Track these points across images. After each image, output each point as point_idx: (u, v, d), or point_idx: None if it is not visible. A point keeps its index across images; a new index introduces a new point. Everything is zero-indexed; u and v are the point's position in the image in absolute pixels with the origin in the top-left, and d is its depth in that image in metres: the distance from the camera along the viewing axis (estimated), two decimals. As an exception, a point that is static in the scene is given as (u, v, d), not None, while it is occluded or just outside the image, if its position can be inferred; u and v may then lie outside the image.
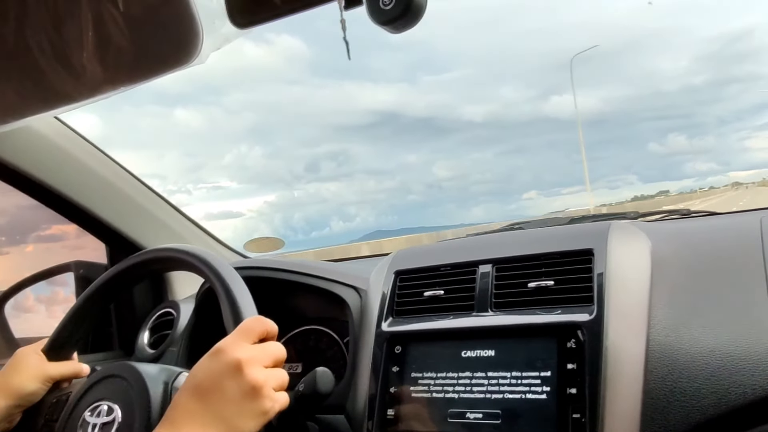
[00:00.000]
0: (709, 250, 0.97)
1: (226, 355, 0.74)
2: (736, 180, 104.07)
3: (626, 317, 0.87)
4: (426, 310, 1.04)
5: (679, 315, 0.87)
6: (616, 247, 0.93)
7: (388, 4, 0.62)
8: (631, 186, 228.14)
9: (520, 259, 0.99)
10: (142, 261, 1.00)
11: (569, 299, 0.92)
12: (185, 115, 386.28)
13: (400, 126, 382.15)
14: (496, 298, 0.98)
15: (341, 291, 1.16)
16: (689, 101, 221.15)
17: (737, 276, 0.89)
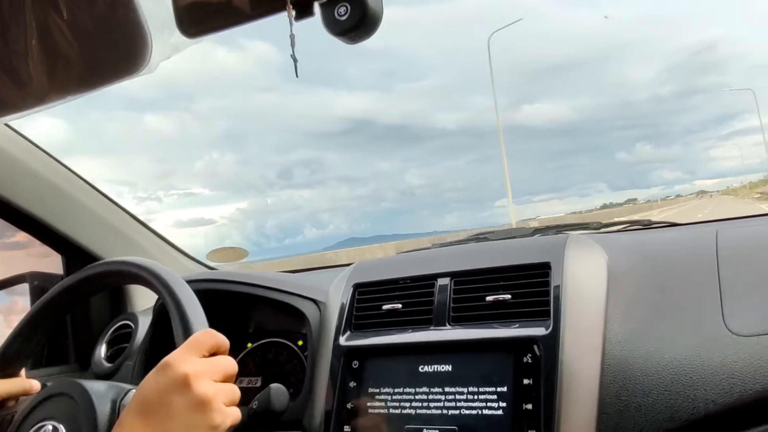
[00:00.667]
0: (666, 262, 0.97)
1: (173, 370, 0.72)
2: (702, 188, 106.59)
3: (582, 331, 0.86)
4: (384, 323, 1.02)
5: (635, 328, 0.87)
6: (573, 261, 0.93)
7: (344, 14, 0.60)
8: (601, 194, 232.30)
9: (478, 272, 0.99)
10: (90, 276, 0.97)
11: (526, 313, 0.91)
12: (155, 120, 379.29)
13: (373, 133, 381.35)
14: (454, 312, 0.97)
15: (300, 304, 1.15)
16: (656, 111, 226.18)
17: (692, 289, 0.89)
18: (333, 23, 0.60)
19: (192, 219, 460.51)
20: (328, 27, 0.61)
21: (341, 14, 0.60)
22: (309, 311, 1.13)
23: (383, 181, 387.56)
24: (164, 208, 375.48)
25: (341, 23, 0.60)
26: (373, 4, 0.59)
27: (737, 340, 0.80)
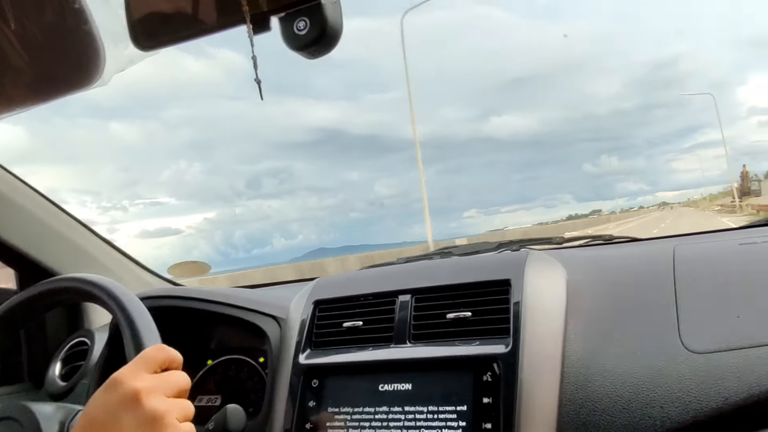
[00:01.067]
0: (625, 279, 0.98)
1: (122, 386, 0.69)
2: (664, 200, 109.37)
3: (541, 349, 0.86)
4: (345, 341, 1.01)
5: (594, 346, 0.87)
6: (533, 278, 0.93)
7: (303, 29, 0.60)
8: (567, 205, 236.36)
9: (438, 289, 0.98)
10: (42, 292, 0.93)
11: (487, 330, 0.91)
12: (121, 128, 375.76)
13: (342, 143, 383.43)
14: (415, 330, 0.96)
15: (260, 321, 1.13)
16: (620, 124, 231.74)
17: (649, 306, 0.90)
18: (292, 38, 0.60)
19: (158, 229, 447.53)
20: (288, 42, 0.60)
21: (300, 29, 0.59)
22: (269, 328, 1.11)
23: (352, 191, 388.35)
24: (130, 218, 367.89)
25: (301, 38, 0.59)
26: (333, 18, 0.59)
27: (693, 357, 0.80)
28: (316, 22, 0.58)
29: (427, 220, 15.05)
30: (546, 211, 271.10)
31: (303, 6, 0.56)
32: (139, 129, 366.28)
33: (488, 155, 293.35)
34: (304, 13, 0.58)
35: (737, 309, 0.83)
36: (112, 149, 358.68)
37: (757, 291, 0.85)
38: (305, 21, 0.58)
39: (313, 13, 0.58)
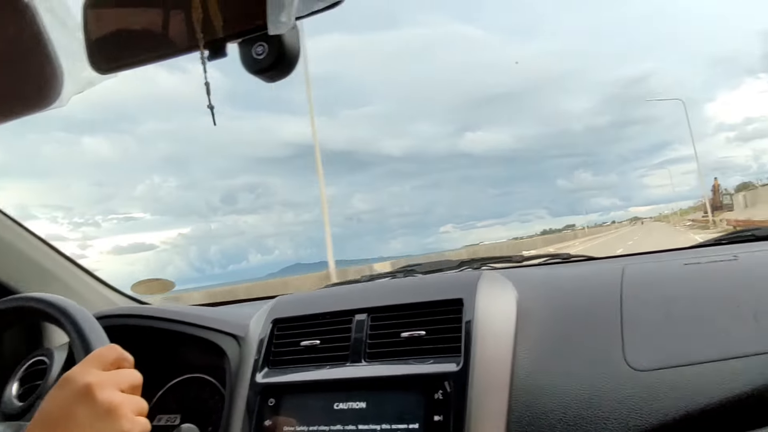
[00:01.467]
0: (575, 298, 1.00)
1: (74, 382, 0.69)
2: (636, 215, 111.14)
3: (491, 368, 0.88)
4: (303, 360, 1.02)
5: (542, 365, 0.89)
6: (484, 298, 0.95)
7: (261, 53, 0.61)
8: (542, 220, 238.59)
9: (394, 308, 1.00)
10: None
11: (439, 349, 0.92)
12: (94, 143, 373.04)
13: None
14: (370, 348, 0.97)
15: (219, 339, 1.13)
16: (594, 140, 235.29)
17: (597, 325, 0.92)
18: (250, 62, 0.61)
19: (132, 244, 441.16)
20: (246, 66, 0.62)
21: (259, 53, 0.61)
22: (228, 347, 1.12)
23: (329, 206, 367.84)
24: (103, 234, 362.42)
25: (259, 62, 0.61)
26: (291, 43, 0.61)
27: (636, 374, 0.83)
28: (274, 47, 0.60)
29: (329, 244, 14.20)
30: (521, 225, 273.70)
31: (261, 31, 0.57)
32: (113, 143, 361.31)
33: (464, 170, 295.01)
34: (262, 38, 0.60)
35: (679, 328, 0.86)
36: (85, 164, 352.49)
37: (698, 311, 0.88)
38: (263, 46, 0.60)
39: (271, 38, 0.60)
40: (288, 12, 0.53)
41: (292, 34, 0.60)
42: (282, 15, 0.52)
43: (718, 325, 0.84)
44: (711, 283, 0.94)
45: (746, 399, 0.77)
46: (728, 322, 0.84)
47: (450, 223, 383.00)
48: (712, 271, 0.97)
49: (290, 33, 0.60)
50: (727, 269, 0.97)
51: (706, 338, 0.84)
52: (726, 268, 0.97)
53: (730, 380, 0.78)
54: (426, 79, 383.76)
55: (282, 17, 0.53)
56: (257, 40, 0.60)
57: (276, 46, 0.60)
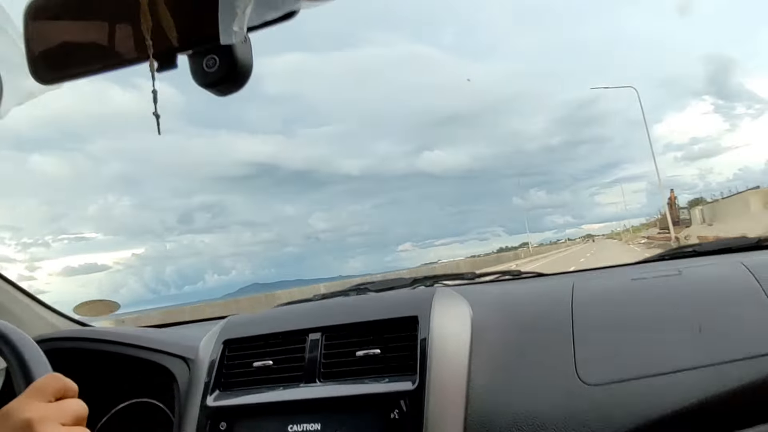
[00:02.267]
0: (527, 314, 1.01)
1: (12, 418, 0.64)
2: (589, 232, 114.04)
3: (446, 386, 0.88)
4: (256, 381, 0.99)
5: (497, 382, 0.89)
6: (439, 315, 0.95)
7: (212, 66, 0.59)
8: (499, 238, 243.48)
9: (348, 327, 0.98)
10: None
11: (395, 368, 0.92)
12: (43, 161, 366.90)
13: (277, 178, 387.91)
14: (325, 368, 0.96)
15: (167, 362, 1.09)
16: (547, 160, 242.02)
17: (549, 341, 0.93)
18: (201, 75, 0.59)
19: (84, 265, 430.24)
20: (196, 79, 0.60)
21: (210, 66, 0.59)
22: (177, 369, 1.08)
23: (287, 225, 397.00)
24: (53, 255, 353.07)
25: (209, 75, 0.59)
26: (243, 56, 0.59)
27: (588, 389, 0.84)
28: (225, 60, 0.58)
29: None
30: (479, 243, 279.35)
31: (212, 43, 0.56)
32: (63, 161, 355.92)
33: (422, 189, 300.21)
34: (214, 51, 0.58)
35: (628, 342, 0.88)
36: (34, 183, 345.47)
37: (646, 324, 0.90)
38: (215, 58, 0.59)
39: (222, 51, 0.58)
40: (240, 21, 0.51)
41: (244, 48, 0.59)
42: (234, 24, 0.51)
43: (665, 338, 0.86)
44: (657, 297, 0.97)
45: (694, 411, 0.79)
46: (675, 336, 0.86)
47: (409, 242, 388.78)
48: (658, 285, 1.00)
49: (242, 47, 0.59)
50: (672, 284, 1.00)
51: (654, 352, 0.85)
52: (671, 282, 1.00)
53: (678, 393, 0.80)
54: (384, 99, 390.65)
55: (234, 26, 0.51)
56: (208, 52, 0.58)
57: (227, 59, 0.58)
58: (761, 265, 0.98)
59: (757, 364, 0.80)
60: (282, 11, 0.53)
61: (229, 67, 0.58)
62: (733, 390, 0.80)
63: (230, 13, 0.52)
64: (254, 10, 0.52)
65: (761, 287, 0.91)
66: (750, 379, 0.80)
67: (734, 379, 0.80)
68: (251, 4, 0.52)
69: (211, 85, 0.59)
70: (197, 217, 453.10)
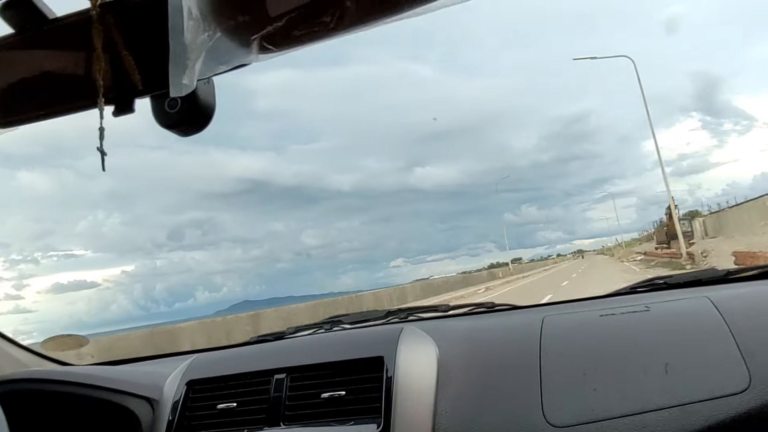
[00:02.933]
0: (496, 351, 1.00)
1: None
2: (580, 248, 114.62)
3: (412, 428, 0.86)
4: (220, 423, 0.97)
5: (463, 422, 0.88)
6: (405, 355, 0.94)
7: (174, 108, 0.59)
8: (490, 253, 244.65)
9: (313, 367, 0.97)
10: None
11: (360, 410, 0.90)
12: (31, 177, 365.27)
13: (267, 194, 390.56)
14: (289, 411, 0.93)
15: (131, 403, 1.06)
16: (539, 176, 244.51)
17: (516, 380, 0.92)
18: (163, 116, 0.59)
19: (73, 282, 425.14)
20: (158, 119, 0.59)
21: (171, 107, 0.58)
22: (141, 411, 1.05)
23: (278, 241, 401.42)
24: (42, 272, 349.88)
25: (171, 116, 0.58)
26: (205, 97, 0.59)
27: (554, 431, 0.83)
28: (187, 101, 0.58)
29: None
30: (471, 259, 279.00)
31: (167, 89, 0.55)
32: (52, 178, 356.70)
33: (414, 205, 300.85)
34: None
35: (595, 382, 0.87)
36: (23, 199, 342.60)
37: (613, 363, 0.89)
38: (176, 100, 0.58)
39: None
40: (190, 75, 0.51)
41: (206, 89, 0.59)
42: (184, 77, 0.51)
43: (632, 378, 0.86)
44: (625, 334, 0.96)
45: None
46: (641, 375, 0.86)
47: (400, 258, 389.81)
48: (626, 322, 1.00)
49: (204, 88, 0.58)
50: (640, 320, 0.99)
51: (621, 392, 0.85)
52: (639, 319, 1.00)
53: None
54: (374, 115, 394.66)
55: (184, 79, 0.51)
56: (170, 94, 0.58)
57: (189, 101, 0.58)
58: (727, 300, 0.98)
59: (721, 404, 0.80)
60: (232, 65, 0.53)
61: (191, 108, 0.58)
62: (699, 430, 0.79)
63: (180, 66, 0.52)
64: (204, 63, 0.52)
65: (725, 323, 0.91)
66: (716, 419, 0.79)
67: (701, 419, 0.80)
68: (202, 57, 0.52)
69: (172, 126, 0.59)
70: (188, 234, 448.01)
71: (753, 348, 0.85)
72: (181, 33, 0.50)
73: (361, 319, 1.40)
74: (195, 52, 0.51)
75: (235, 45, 0.51)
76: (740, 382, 0.81)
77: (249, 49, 0.51)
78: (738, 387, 0.80)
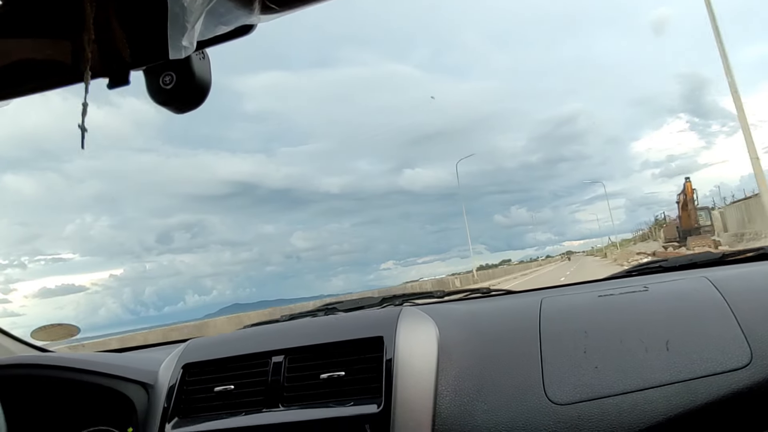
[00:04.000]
0: (496, 332, 0.99)
1: None
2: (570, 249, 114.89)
3: (412, 408, 0.85)
4: (216, 407, 0.95)
5: (464, 403, 0.87)
6: (405, 335, 0.93)
7: (169, 83, 0.57)
8: (480, 255, 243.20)
9: (312, 348, 0.95)
10: None
11: (360, 390, 0.89)
12: (17, 180, 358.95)
13: (257, 196, 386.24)
14: (288, 392, 0.92)
15: (125, 388, 1.04)
16: (528, 177, 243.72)
17: (516, 360, 0.91)
18: (158, 92, 0.57)
19: (61, 286, 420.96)
20: (153, 95, 0.58)
21: (166, 83, 0.57)
22: (136, 396, 1.04)
23: (268, 244, 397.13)
24: (29, 276, 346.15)
25: (166, 92, 0.57)
26: (201, 73, 0.57)
27: (556, 409, 0.82)
28: (183, 77, 0.56)
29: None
30: (461, 261, 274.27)
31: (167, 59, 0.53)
32: (39, 181, 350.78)
33: (404, 207, 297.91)
34: (171, 67, 0.56)
35: (596, 360, 0.87)
36: (8, 203, 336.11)
37: (613, 342, 0.89)
38: (171, 75, 0.57)
39: (180, 68, 0.56)
40: (190, 36, 0.49)
41: (202, 64, 0.57)
42: (184, 39, 0.49)
43: (633, 356, 0.86)
44: (624, 314, 0.96)
45: (662, 428, 0.78)
46: (642, 353, 0.85)
47: (391, 260, 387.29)
48: (625, 302, 0.99)
49: (200, 63, 0.57)
50: (639, 300, 0.99)
51: (622, 370, 0.84)
52: (638, 299, 1.00)
53: (646, 411, 0.79)
54: (364, 117, 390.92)
55: (184, 41, 0.49)
56: (166, 69, 0.57)
57: (185, 76, 0.56)
58: (725, 280, 0.98)
59: (723, 380, 0.80)
60: (234, 25, 0.52)
61: (187, 84, 0.56)
62: (700, 406, 0.79)
63: (180, 28, 0.50)
64: (204, 25, 0.50)
65: (726, 301, 0.91)
66: (717, 394, 0.79)
67: (703, 395, 0.80)
68: (202, 18, 0.50)
69: (167, 102, 0.57)
70: (176, 237, 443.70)
71: (754, 325, 0.85)
72: None
73: (355, 305, 1.40)
74: (195, 12, 0.49)
75: (237, 3, 0.49)
76: (741, 358, 0.81)
77: (251, 8, 0.50)
78: (739, 363, 0.80)
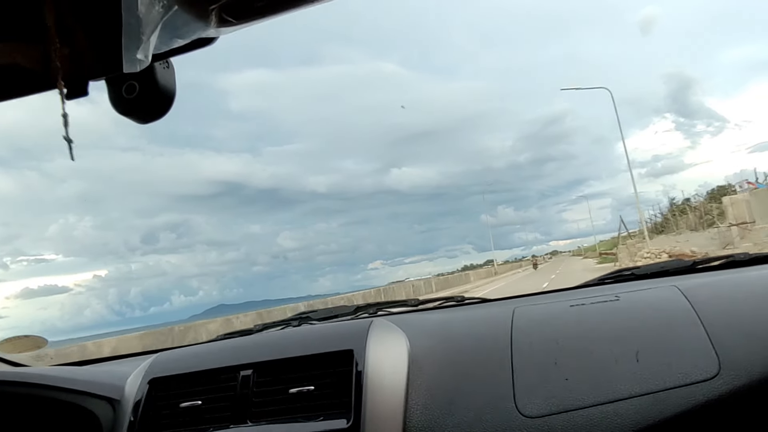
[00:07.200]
0: (468, 344, 0.99)
1: None
2: (556, 248, 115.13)
3: (382, 422, 0.84)
4: (183, 422, 0.93)
5: (434, 417, 0.86)
6: (375, 348, 0.91)
7: (132, 93, 0.56)
8: (468, 255, 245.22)
9: (281, 362, 0.94)
10: None
11: (329, 405, 0.87)
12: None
13: (243, 196, 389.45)
14: (256, 407, 0.90)
15: (91, 404, 1.01)
16: (515, 177, 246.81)
17: (488, 372, 0.91)
18: (120, 102, 0.55)
19: (43, 287, 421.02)
20: (115, 106, 0.56)
21: (129, 93, 0.55)
22: (101, 411, 1.01)
23: (255, 244, 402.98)
24: (11, 277, 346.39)
25: (129, 102, 0.55)
26: (165, 82, 0.55)
27: (527, 422, 0.82)
28: (145, 86, 0.55)
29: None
30: (448, 261, 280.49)
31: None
32: (18, 181, 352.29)
33: (391, 207, 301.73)
34: (133, 77, 0.54)
35: (567, 372, 0.86)
36: None
37: (584, 353, 0.89)
38: (134, 85, 0.55)
39: (143, 77, 0.54)
40: (145, 49, 0.48)
41: (166, 73, 0.56)
42: (138, 52, 0.47)
43: (603, 367, 0.85)
44: (595, 324, 0.96)
45: None
46: (612, 364, 0.85)
47: (378, 260, 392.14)
48: (596, 311, 0.99)
49: (164, 72, 0.55)
50: (610, 309, 0.99)
51: (592, 381, 0.84)
52: (609, 308, 1.00)
53: (616, 423, 0.79)
54: (350, 116, 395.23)
55: (138, 54, 0.48)
56: (128, 78, 0.55)
57: (147, 86, 0.55)
58: (695, 288, 0.99)
59: (692, 391, 0.80)
60: (190, 38, 0.50)
61: (150, 93, 0.55)
62: (670, 417, 0.79)
63: (134, 40, 0.49)
64: (160, 38, 0.49)
65: (695, 311, 0.91)
66: (686, 406, 0.79)
67: (672, 406, 0.80)
68: (157, 31, 0.49)
69: (129, 112, 0.56)
70: (162, 237, 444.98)
71: (721, 335, 0.85)
72: (135, 4, 0.47)
73: (329, 314, 1.38)
74: (150, 24, 0.47)
75: (193, 16, 0.48)
76: (710, 369, 0.81)
77: (207, 21, 0.48)
78: (708, 373, 0.81)
